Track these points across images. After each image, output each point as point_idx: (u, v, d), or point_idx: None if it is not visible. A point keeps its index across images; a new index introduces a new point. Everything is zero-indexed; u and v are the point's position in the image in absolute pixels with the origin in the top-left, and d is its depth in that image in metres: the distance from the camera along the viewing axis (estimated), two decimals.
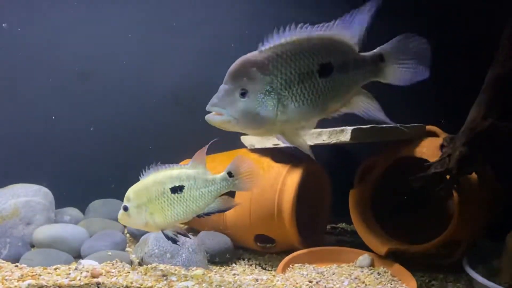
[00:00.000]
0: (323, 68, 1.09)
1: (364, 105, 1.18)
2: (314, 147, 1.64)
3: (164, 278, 1.37)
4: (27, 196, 1.83)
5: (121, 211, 1.35)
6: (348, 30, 1.12)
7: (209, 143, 1.41)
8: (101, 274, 1.35)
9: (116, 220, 1.96)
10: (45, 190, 1.93)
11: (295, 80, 1.07)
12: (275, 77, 1.06)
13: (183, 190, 1.31)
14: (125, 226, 1.98)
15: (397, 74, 1.18)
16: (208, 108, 1.05)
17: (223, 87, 1.06)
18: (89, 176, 2.16)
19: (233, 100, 1.05)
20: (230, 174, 1.33)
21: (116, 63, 2.16)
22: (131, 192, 1.34)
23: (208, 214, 1.37)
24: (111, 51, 2.16)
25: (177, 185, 1.31)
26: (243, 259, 1.79)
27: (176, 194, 1.31)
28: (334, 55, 1.11)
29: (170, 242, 1.40)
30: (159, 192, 1.31)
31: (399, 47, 1.16)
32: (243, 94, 1.05)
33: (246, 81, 1.04)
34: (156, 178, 1.33)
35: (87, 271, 1.36)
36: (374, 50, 1.17)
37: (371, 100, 1.18)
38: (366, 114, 1.18)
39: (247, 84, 1.04)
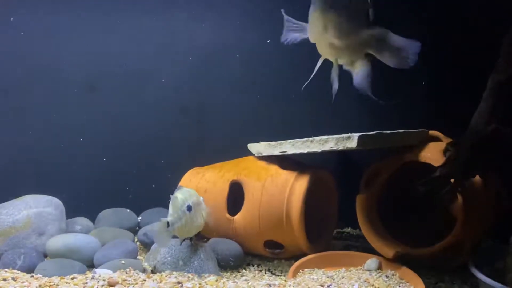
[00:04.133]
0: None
1: (358, 70, 1.31)
2: (321, 154, 1.68)
3: (180, 285, 1.39)
4: (39, 207, 1.85)
5: None
6: None
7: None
8: (117, 283, 1.37)
9: (126, 229, 2.00)
10: (56, 200, 1.95)
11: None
12: None
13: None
14: (135, 235, 2.01)
15: (392, 52, 1.32)
16: (317, 4, 1.17)
17: None
18: (98, 185, 2.19)
19: (343, 4, 1.19)
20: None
21: (126, 75, 2.20)
22: None
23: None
24: (122, 62, 2.19)
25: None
26: (252, 265, 1.82)
27: None
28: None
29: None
30: None
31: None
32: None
33: None
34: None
35: (104, 280, 1.38)
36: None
37: (365, 68, 1.34)
38: (356, 78, 1.34)
39: None
